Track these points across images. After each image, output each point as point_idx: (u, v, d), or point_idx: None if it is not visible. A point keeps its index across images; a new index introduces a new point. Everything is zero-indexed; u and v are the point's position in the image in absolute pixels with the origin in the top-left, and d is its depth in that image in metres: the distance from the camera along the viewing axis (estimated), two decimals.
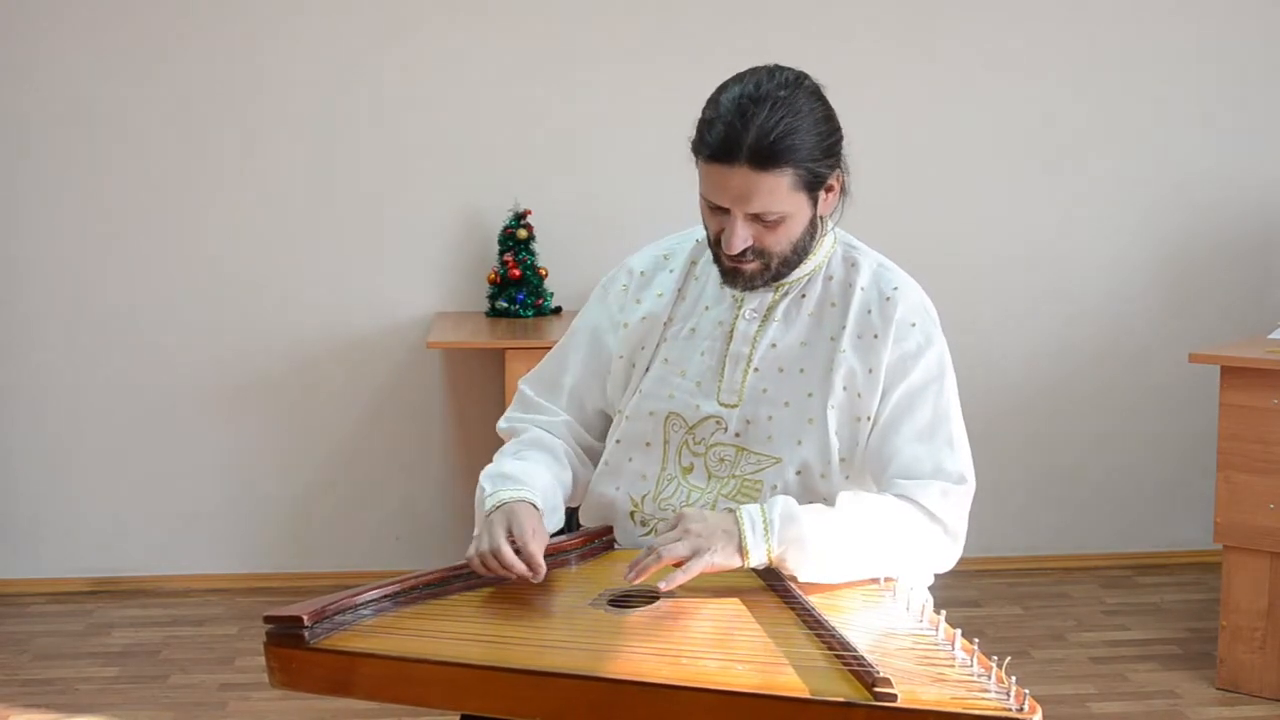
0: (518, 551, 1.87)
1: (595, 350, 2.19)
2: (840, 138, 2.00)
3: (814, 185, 1.98)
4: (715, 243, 2.02)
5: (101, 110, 4.23)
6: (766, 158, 1.91)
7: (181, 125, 4.26)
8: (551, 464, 2.13)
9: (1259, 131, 4.57)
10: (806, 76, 1.99)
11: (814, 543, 1.87)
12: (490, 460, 2.13)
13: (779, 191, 1.94)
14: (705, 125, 1.96)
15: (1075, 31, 4.47)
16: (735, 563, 1.86)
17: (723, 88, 1.97)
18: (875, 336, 2.04)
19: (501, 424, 2.24)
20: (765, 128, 1.90)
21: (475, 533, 2.00)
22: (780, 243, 1.99)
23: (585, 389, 2.20)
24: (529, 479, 2.04)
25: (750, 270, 2.01)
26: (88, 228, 4.27)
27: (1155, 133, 4.53)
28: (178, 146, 4.26)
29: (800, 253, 2.04)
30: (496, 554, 1.86)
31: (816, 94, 1.98)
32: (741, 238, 1.97)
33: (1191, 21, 4.50)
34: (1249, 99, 4.55)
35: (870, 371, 2.03)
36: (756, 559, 1.86)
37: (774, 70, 1.97)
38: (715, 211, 1.99)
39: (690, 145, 1.99)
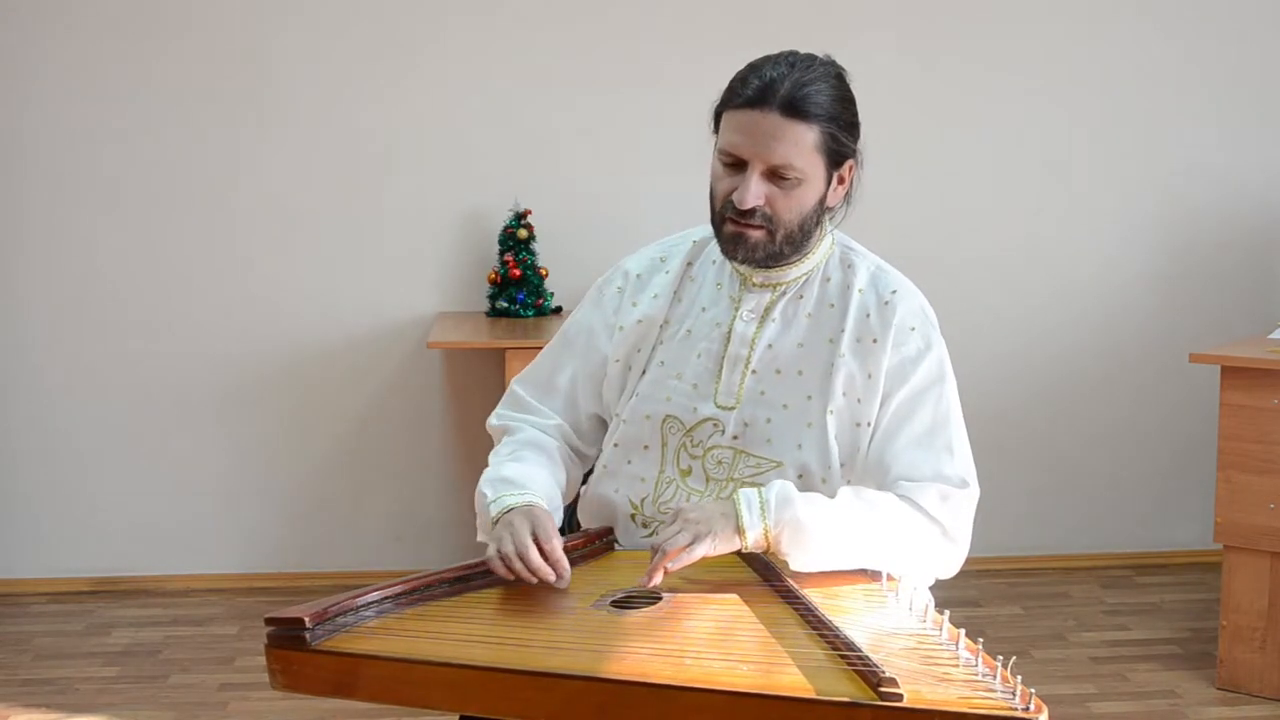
0: (544, 555, 1.85)
1: (589, 353, 2.18)
2: (859, 126, 2.04)
3: (833, 157, 2.00)
4: (723, 206, 2.01)
5: (103, 110, 4.23)
6: (798, 107, 1.94)
7: (183, 126, 4.25)
8: (548, 464, 2.12)
9: (1259, 130, 4.57)
10: (836, 62, 2.04)
11: (810, 526, 1.88)
12: (487, 461, 2.12)
13: (803, 145, 1.95)
14: (738, 82, 1.99)
15: (1075, 31, 4.47)
16: (735, 543, 1.87)
17: (756, 59, 2.02)
18: (874, 341, 2.04)
19: (493, 420, 2.22)
20: (800, 81, 1.95)
21: (479, 537, 1.99)
22: (790, 210, 1.99)
23: (580, 392, 2.19)
24: (530, 482, 2.03)
25: (754, 238, 2.00)
26: (89, 228, 4.27)
27: (1156, 132, 4.53)
28: (179, 147, 4.26)
29: (805, 233, 2.03)
30: (524, 557, 1.83)
31: (844, 80, 2.03)
32: (755, 193, 1.96)
33: (1192, 20, 4.50)
34: (1249, 98, 4.55)
35: (870, 377, 2.03)
36: (753, 537, 1.88)
37: (808, 53, 2.03)
38: (730, 170, 2.00)
39: (714, 108, 2.02)
